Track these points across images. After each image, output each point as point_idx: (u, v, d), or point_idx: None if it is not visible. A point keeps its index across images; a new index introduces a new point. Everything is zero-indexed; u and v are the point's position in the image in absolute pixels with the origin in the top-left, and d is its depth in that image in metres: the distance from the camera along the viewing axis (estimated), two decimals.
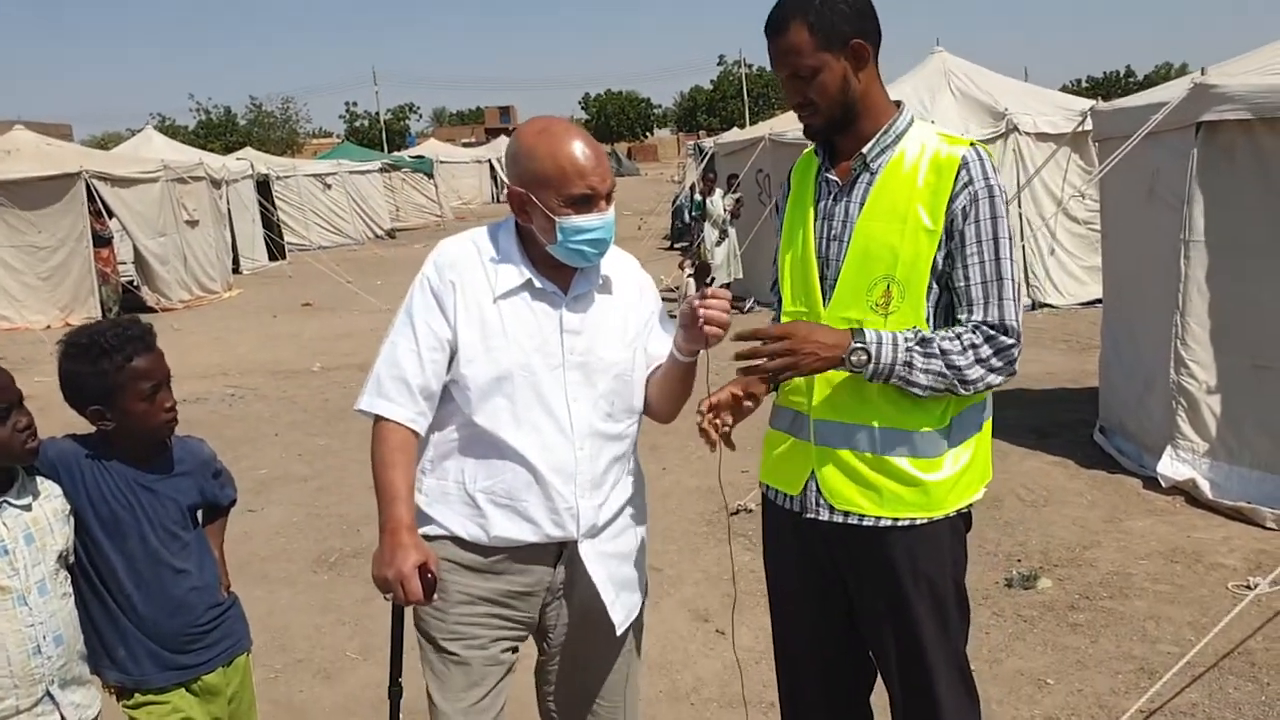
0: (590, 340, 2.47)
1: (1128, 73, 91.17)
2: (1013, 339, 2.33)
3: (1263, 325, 5.40)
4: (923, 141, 2.39)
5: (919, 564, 2.43)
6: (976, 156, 2.33)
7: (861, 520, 2.42)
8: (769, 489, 2.63)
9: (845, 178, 2.44)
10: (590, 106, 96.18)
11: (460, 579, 2.48)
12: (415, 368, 2.40)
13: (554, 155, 2.35)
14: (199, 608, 2.65)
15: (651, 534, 5.58)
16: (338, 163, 29.09)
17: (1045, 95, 13.31)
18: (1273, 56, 5.71)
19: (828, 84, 2.34)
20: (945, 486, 2.40)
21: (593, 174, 2.35)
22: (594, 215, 2.37)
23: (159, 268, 16.46)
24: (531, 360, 2.41)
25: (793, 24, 2.31)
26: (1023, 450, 6.78)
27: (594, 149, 2.38)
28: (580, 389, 2.45)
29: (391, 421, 2.38)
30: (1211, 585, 4.67)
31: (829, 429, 2.43)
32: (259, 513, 6.51)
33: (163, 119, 61.79)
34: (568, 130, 2.40)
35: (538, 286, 2.45)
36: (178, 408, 2.66)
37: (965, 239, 2.31)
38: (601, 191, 2.37)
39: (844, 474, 2.42)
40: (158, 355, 2.60)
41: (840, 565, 2.51)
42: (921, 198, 2.33)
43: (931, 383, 2.29)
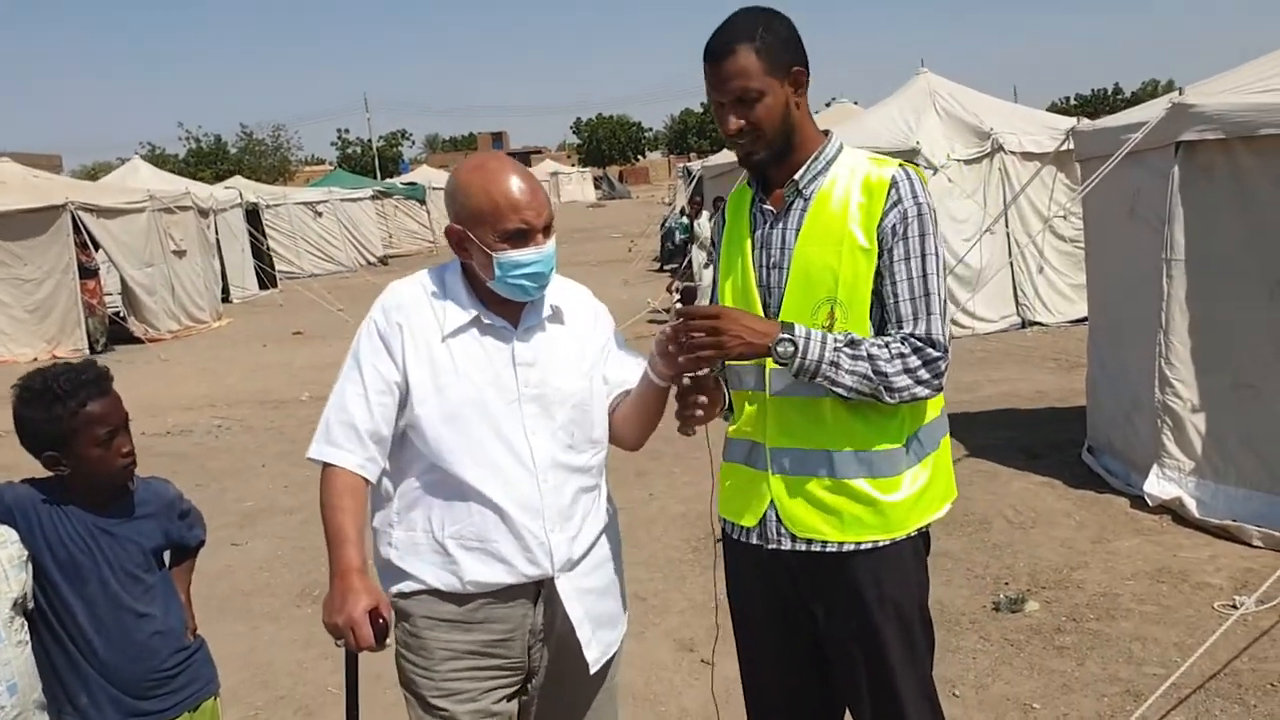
0: (544, 372, 2.45)
1: (1116, 90, 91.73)
2: (940, 352, 2.36)
3: (1245, 344, 5.39)
4: (852, 166, 2.43)
5: (884, 588, 2.44)
6: (905, 176, 2.38)
7: (825, 547, 2.41)
8: (727, 523, 2.61)
9: (779, 205, 2.46)
10: (582, 130, 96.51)
11: (442, 635, 2.44)
12: (364, 413, 2.37)
13: (487, 191, 2.34)
14: (163, 652, 2.61)
15: (636, 561, 5.63)
16: (329, 190, 29.16)
17: (1031, 114, 13.37)
18: (1250, 75, 5.73)
19: (773, 108, 2.35)
20: (905, 506, 2.41)
21: (527, 208, 2.34)
22: (530, 249, 2.36)
23: (146, 298, 16.43)
24: (485, 396, 2.39)
25: (740, 48, 2.32)
26: (1011, 471, 6.75)
27: (529, 183, 2.38)
28: (538, 421, 2.43)
29: (339, 467, 2.35)
30: (1198, 605, 4.64)
31: (786, 456, 2.42)
32: (243, 546, 6.45)
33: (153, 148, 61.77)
34: (502, 166, 2.40)
35: (486, 322, 2.43)
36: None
37: (894, 256, 2.35)
38: (537, 225, 2.36)
39: (804, 501, 2.41)
40: (114, 399, 2.56)
41: (805, 595, 2.49)
42: (855, 219, 2.36)
43: (856, 384, 2.29)
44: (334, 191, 28.98)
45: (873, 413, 2.37)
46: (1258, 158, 5.26)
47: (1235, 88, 5.59)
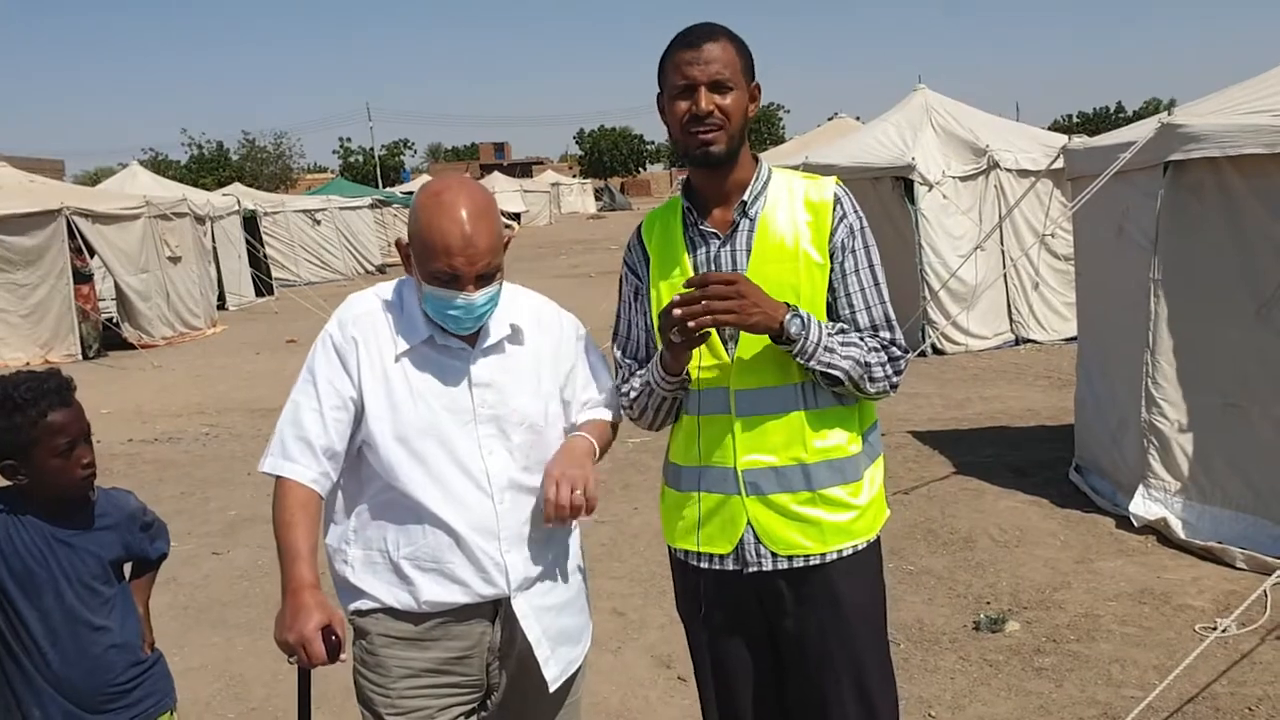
0: (501, 393, 2.42)
1: (1118, 108, 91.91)
2: (903, 354, 2.46)
3: (1232, 364, 5.36)
4: (788, 187, 2.48)
5: (858, 592, 2.49)
6: (845, 193, 2.47)
7: (807, 560, 2.43)
8: (686, 554, 2.56)
9: (724, 227, 2.45)
10: (584, 142, 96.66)
11: (398, 653, 2.41)
12: (318, 428, 2.33)
13: (429, 225, 2.27)
14: (118, 666, 2.58)
15: (617, 576, 5.61)
16: (327, 198, 29.17)
17: (1027, 132, 13.37)
18: (1240, 96, 5.72)
19: (739, 106, 2.39)
20: (873, 508, 2.51)
21: (458, 254, 2.24)
22: (455, 294, 2.29)
23: (140, 304, 16.41)
24: (440, 416, 2.36)
25: (723, 38, 2.39)
26: (999, 489, 6.72)
27: (475, 227, 2.25)
28: (495, 442, 2.40)
29: (292, 481, 2.32)
30: (1179, 627, 4.60)
31: (760, 476, 2.42)
32: (224, 555, 6.41)
33: (155, 154, 61.87)
34: (455, 202, 2.27)
35: (440, 343, 2.39)
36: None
37: (846, 268, 2.43)
38: (466, 274, 2.26)
39: (784, 518, 2.42)
40: (75, 410, 2.53)
41: (774, 615, 2.48)
42: (806, 236, 2.41)
43: (849, 369, 2.34)
44: (332, 200, 29.00)
45: (837, 420, 2.43)
46: (1245, 178, 5.25)
47: (1224, 108, 5.59)
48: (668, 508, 2.60)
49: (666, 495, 2.61)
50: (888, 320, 2.46)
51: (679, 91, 2.37)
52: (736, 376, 2.41)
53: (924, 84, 13.24)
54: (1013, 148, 12.03)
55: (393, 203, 34.11)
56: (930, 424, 8.36)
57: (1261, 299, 5.19)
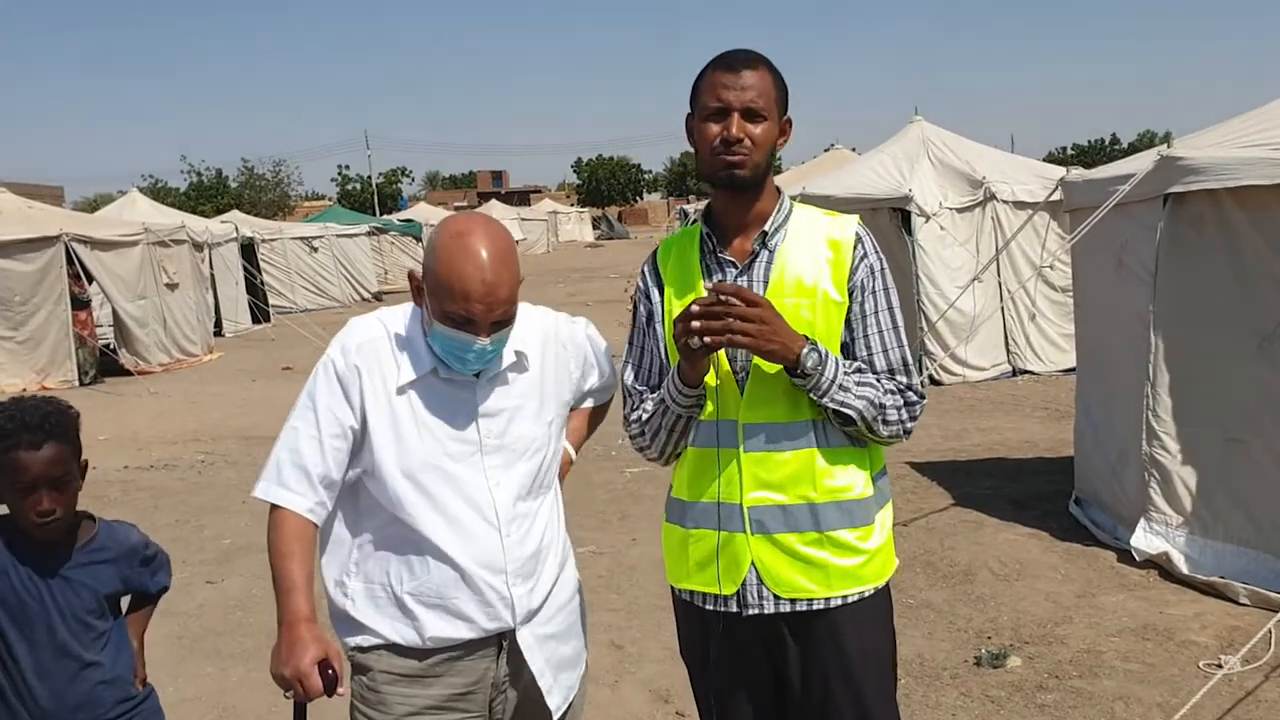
0: (508, 421, 2.39)
1: (1113, 140, 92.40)
2: (919, 399, 2.42)
3: (1233, 398, 5.34)
4: (809, 222, 2.45)
5: (866, 640, 2.41)
6: (866, 233, 2.45)
7: (810, 605, 2.36)
8: (688, 594, 2.51)
9: (742, 257, 2.42)
10: (582, 171, 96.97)
11: (401, 690, 2.37)
12: (316, 456, 2.29)
13: (449, 266, 2.22)
14: (107, 702, 2.53)
15: (615, 608, 5.55)
16: (325, 226, 29.22)
17: (1024, 164, 13.41)
18: (1239, 129, 5.73)
19: (769, 136, 2.36)
20: (883, 553, 2.44)
21: (477, 302, 2.20)
22: (469, 338, 2.25)
23: (138, 331, 16.38)
24: (446, 449, 2.33)
25: (762, 67, 2.36)
26: (998, 521, 6.69)
27: (495, 274, 2.21)
28: (501, 473, 2.37)
29: (288, 510, 2.28)
30: (1182, 664, 4.56)
31: (766, 514, 2.35)
32: (219, 585, 6.35)
33: (155, 180, 62.03)
34: (478, 245, 2.22)
35: (444, 375, 2.35)
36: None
37: (866, 309, 2.39)
38: (483, 320, 2.22)
39: (789, 559, 2.35)
40: (49, 455, 2.42)
41: (778, 659, 2.42)
42: (825, 273, 2.38)
43: (863, 410, 2.31)
44: (330, 227, 29.04)
45: (849, 461, 2.37)
46: (1245, 211, 5.25)
47: (1223, 141, 5.59)
48: (671, 546, 2.54)
49: (670, 533, 2.54)
50: (905, 364, 2.41)
51: (711, 113, 2.34)
52: (747, 409, 2.35)
53: (921, 116, 13.30)
54: (1009, 180, 12.07)
55: (390, 230, 34.17)
56: (928, 455, 8.32)
57: (1263, 333, 5.18)
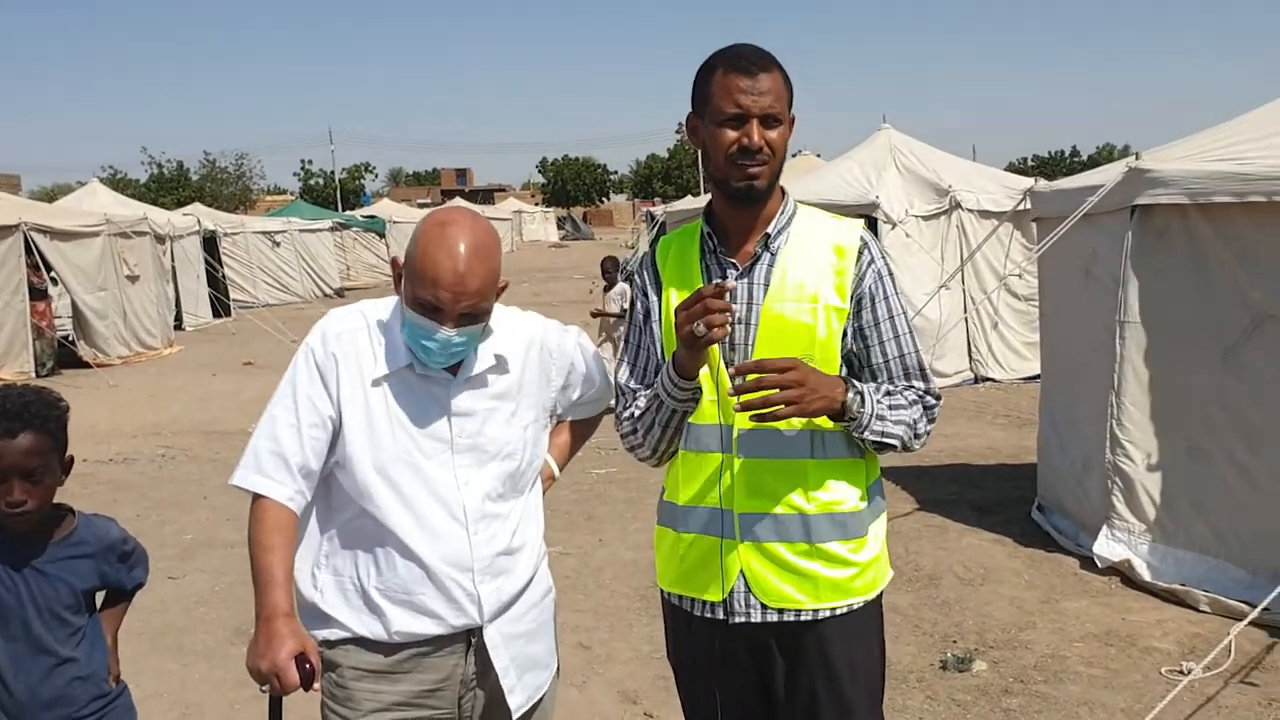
0: (481, 422, 2.38)
1: (1073, 152, 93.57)
2: (937, 401, 2.42)
3: (1197, 408, 5.42)
4: (812, 225, 2.41)
5: (855, 654, 2.38)
6: (872, 238, 2.41)
7: (798, 615, 2.34)
8: (678, 598, 2.48)
9: (743, 260, 2.38)
10: (547, 171, 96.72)
11: (369, 686, 2.36)
12: (295, 444, 2.28)
13: (425, 253, 2.23)
14: (81, 699, 2.49)
15: (583, 609, 5.53)
16: (288, 220, 28.99)
17: (989, 173, 13.55)
18: (1206, 143, 5.81)
19: (784, 140, 2.31)
20: (874, 565, 2.40)
21: (446, 289, 2.20)
22: (435, 326, 2.23)
23: (97, 323, 16.16)
24: (418, 444, 2.32)
25: (775, 68, 2.29)
26: (962, 526, 6.74)
27: (469, 265, 2.20)
28: (471, 472, 2.36)
29: (269, 500, 2.26)
30: (1145, 670, 4.62)
31: (756, 523, 2.32)
32: (180, 580, 6.29)
33: (115, 172, 61.16)
34: (457, 235, 2.23)
35: (420, 371, 2.34)
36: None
37: (878, 315, 2.36)
38: (449, 309, 2.21)
39: (778, 569, 2.32)
40: (22, 445, 2.38)
41: (765, 668, 2.40)
42: (827, 279, 2.33)
43: (901, 434, 2.31)
44: (293, 222, 28.82)
45: (843, 473, 2.34)
46: (1211, 223, 5.33)
47: (1191, 154, 5.67)
48: (662, 549, 2.51)
49: (662, 536, 2.51)
50: (921, 368, 2.39)
51: (728, 119, 2.25)
52: (741, 415, 2.30)
53: (889, 124, 13.39)
54: (974, 188, 12.20)
55: (353, 226, 33.92)
56: (892, 460, 8.28)
57: (1227, 344, 5.26)
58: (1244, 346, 5.22)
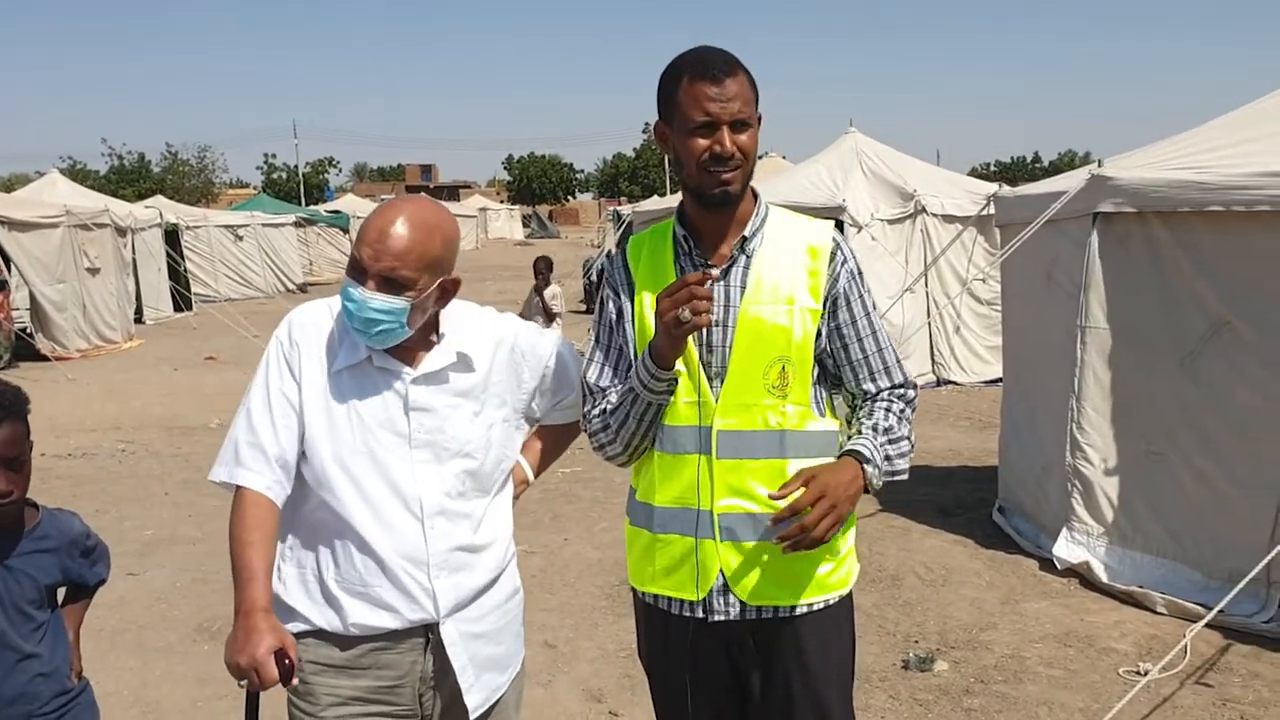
0: (441, 419, 2.38)
1: (1035, 158, 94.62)
2: (914, 391, 2.49)
3: (1155, 412, 5.51)
4: (784, 226, 2.43)
5: (829, 649, 2.42)
6: (843, 238, 2.45)
7: (777, 612, 2.36)
8: (654, 597, 2.48)
9: (720, 262, 2.39)
10: (513, 168, 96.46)
11: (328, 680, 2.36)
12: (271, 436, 2.30)
13: (368, 220, 2.32)
14: (44, 695, 2.48)
15: (548, 608, 5.54)
16: (251, 215, 28.70)
17: (953, 178, 13.69)
18: (1167, 152, 5.90)
19: (754, 143, 2.32)
20: (848, 560, 2.45)
21: (368, 245, 2.26)
22: (356, 287, 2.27)
23: (56, 315, 15.94)
24: (376, 437, 2.33)
25: (739, 71, 2.29)
26: (924, 528, 6.81)
27: (394, 230, 2.26)
28: (429, 468, 2.37)
29: (250, 492, 2.27)
30: (1103, 670, 4.69)
31: (736, 522, 2.34)
32: (140, 576, 6.23)
33: (73, 163, 60.39)
34: (401, 208, 2.32)
35: (377, 365, 2.36)
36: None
37: (854, 313, 2.40)
38: (370, 267, 2.25)
39: (758, 568, 2.34)
40: (7, 433, 2.40)
41: (741, 665, 2.42)
42: (801, 280, 2.36)
43: (905, 466, 2.38)
44: (256, 216, 28.54)
45: None
46: (1171, 231, 5.42)
47: (1151, 163, 5.76)
48: (636, 550, 2.51)
49: (635, 536, 2.51)
50: (897, 362, 2.46)
51: (698, 128, 2.26)
52: (721, 416, 2.32)
53: (855, 127, 13.49)
54: (939, 193, 12.32)
55: (317, 221, 33.65)
56: None
57: (1185, 350, 5.35)
58: (1201, 353, 5.31)
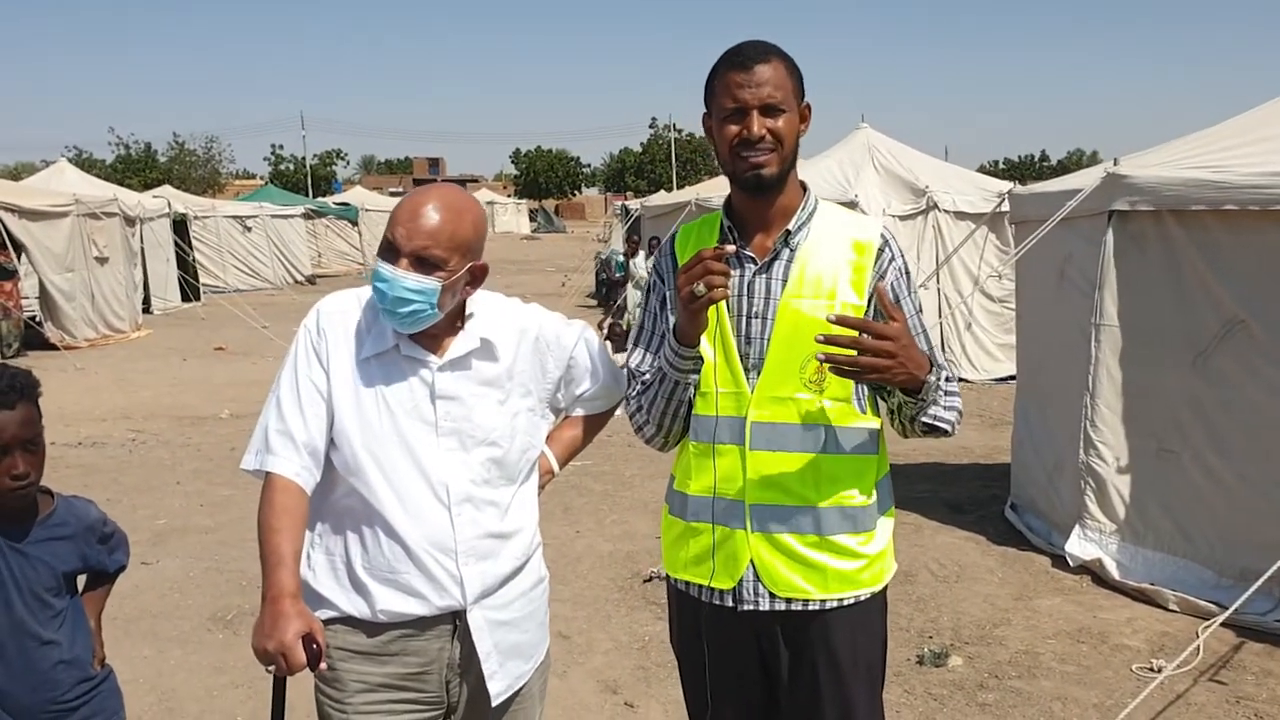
0: (468, 408, 2.40)
1: (1042, 157, 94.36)
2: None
3: (1168, 411, 5.51)
4: (833, 222, 2.42)
5: (858, 645, 2.42)
6: (891, 235, 2.43)
7: (806, 605, 2.37)
8: (685, 584, 2.50)
9: (762, 254, 2.40)
10: (520, 162, 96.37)
11: (356, 666, 2.39)
12: (299, 423, 2.33)
13: (401, 203, 2.36)
14: (66, 683, 2.49)
15: (561, 599, 5.55)
16: (259, 205, 28.69)
17: (964, 175, 13.66)
18: (1183, 150, 5.90)
19: (790, 128, 2.32)
20: (881, 558, 2.44)
21: (401, 225, 2.30)
22: (388, 266, 2.30)
23: (65, 304, 15.97)
24: (403, 425, 2.35)
25: (774, 58, 2.31)
26: (936, 524, 6.82)
27: (426, 211, 2.30)
28: (455, 455, 2.39)
29: (280, 478, 2.29)
30: (1116, 667, 4.70)
31: (768, 513, 2.36)
32: (154, 565, 6.25)
33: (80, 152, 60.41)
34: (431, 191, 2.37)
35: (405, 353, 2.38)
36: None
37: (905, 313, 2.33)
38: (402, 246, 2.29)
39: (787, 559, 2.36)
40: (19, 416, 2.40)
41: (769, 656, 2.43)
42: (846, 276, 2.35)
43: (953, 420, 2.32)
44: (265, 207, 28.52)
45: (854, 467, 2.37)
46: (1186, 230, 5.42)
47: (1167, 161, 5.76)
48: (671, 538, 2.53)
49: (671, 525, 2.53)
50: (945, 361, 2.42)
51: (729, 114, 2.30)
52: (756, 408, 2.34)
53: (866, 123, 13.47)
54: (951, 190, 12.29)
55: (326, 214, 33.63)
56: None
57: (1198, 348, 5.35)
58: (1215, 351, 5.31)
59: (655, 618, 5.31)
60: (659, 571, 5.81)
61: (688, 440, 2.46)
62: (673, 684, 4.53)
